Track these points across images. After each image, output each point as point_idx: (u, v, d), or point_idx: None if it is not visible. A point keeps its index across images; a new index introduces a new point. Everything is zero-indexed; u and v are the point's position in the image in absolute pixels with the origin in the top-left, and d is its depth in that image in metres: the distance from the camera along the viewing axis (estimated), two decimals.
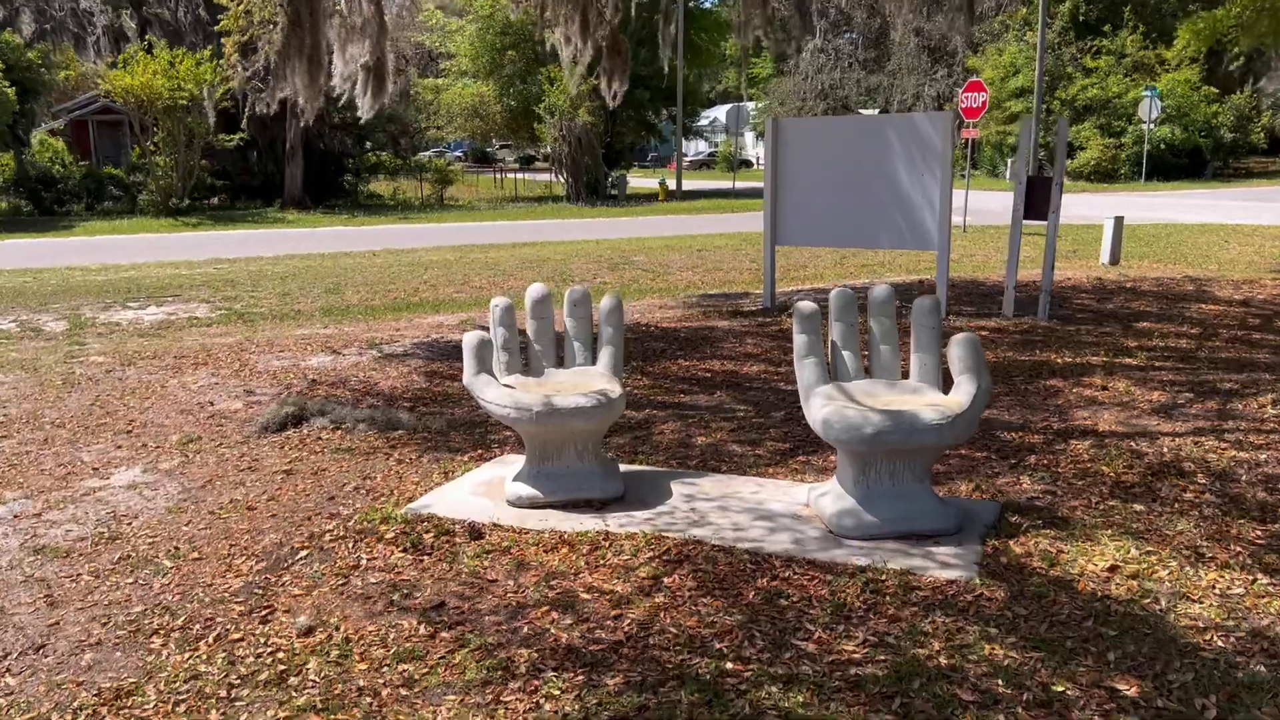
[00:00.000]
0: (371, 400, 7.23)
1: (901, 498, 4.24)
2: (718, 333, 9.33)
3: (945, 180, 9.66)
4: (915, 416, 4.11)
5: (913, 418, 4.11)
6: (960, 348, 4.35)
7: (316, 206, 29.77)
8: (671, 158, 48.92)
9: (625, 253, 18.36)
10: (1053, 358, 7.65)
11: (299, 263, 17.32)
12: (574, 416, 4.51)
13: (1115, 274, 13.45)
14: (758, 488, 4.85)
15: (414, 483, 5.27)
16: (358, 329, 10.59)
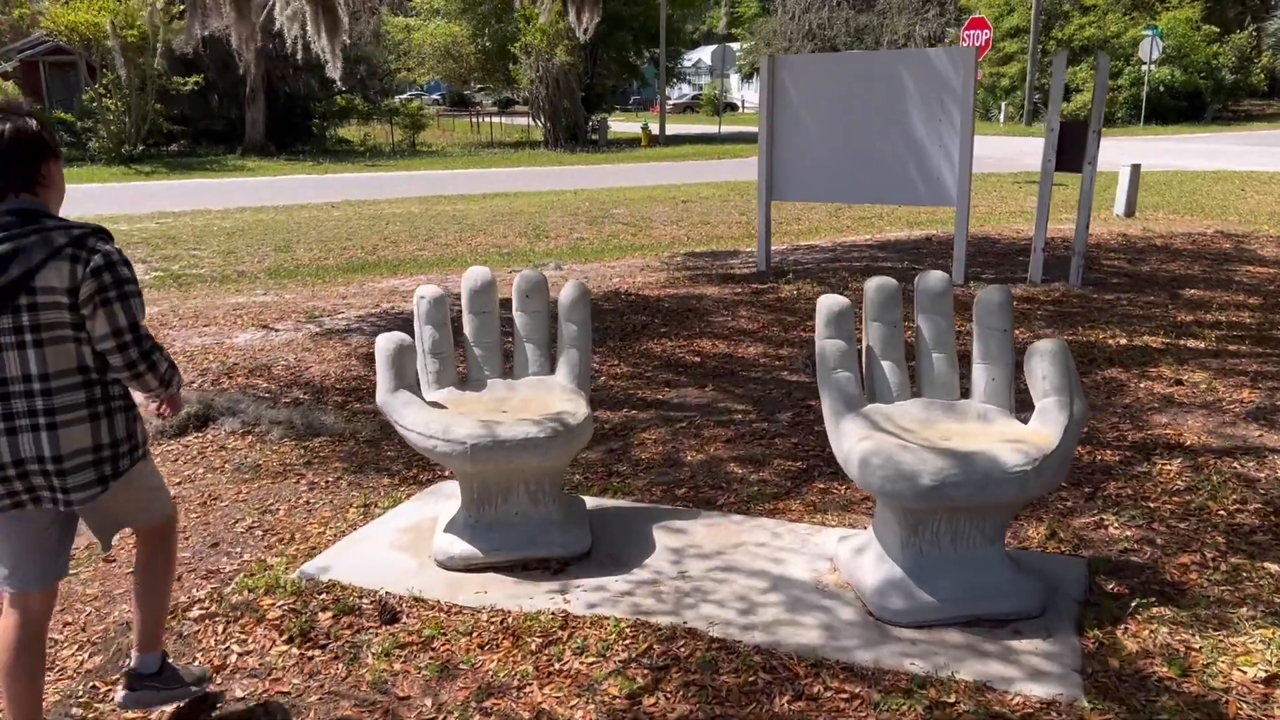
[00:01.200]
0: (297, 393, 6.05)
1: (966, 566, 3.12)
2: (707, 302, 8.16)
3: (966, 127, 8.44)
4: (992, 461, 2.97)
5: (988, 463, 2.97)
6: (1045, 359, 3.20)
7: (280, 153, 28.19)
8: (654, 101, 47.22)
9: (605, 204, 17.07)
10: (1102, 337, 6.52)
11: (250, 216, 15.97)
12: (524, 450, 3.36)
13: (1139, 228, 12.31)
14: (767, 536, 3.72)
15: (323, 520, 4.11)
16: (301, 295, 9.36)
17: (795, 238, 12.62)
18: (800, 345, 6.67)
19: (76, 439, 2.40)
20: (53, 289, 2.33)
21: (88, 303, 2.35)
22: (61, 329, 2.36)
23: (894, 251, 10.75)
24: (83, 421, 2.41)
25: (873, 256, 10.43)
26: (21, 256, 2.32)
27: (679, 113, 51.64)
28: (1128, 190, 14.29)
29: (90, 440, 2.42)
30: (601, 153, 29.85)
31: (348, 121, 34.09)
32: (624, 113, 50.90)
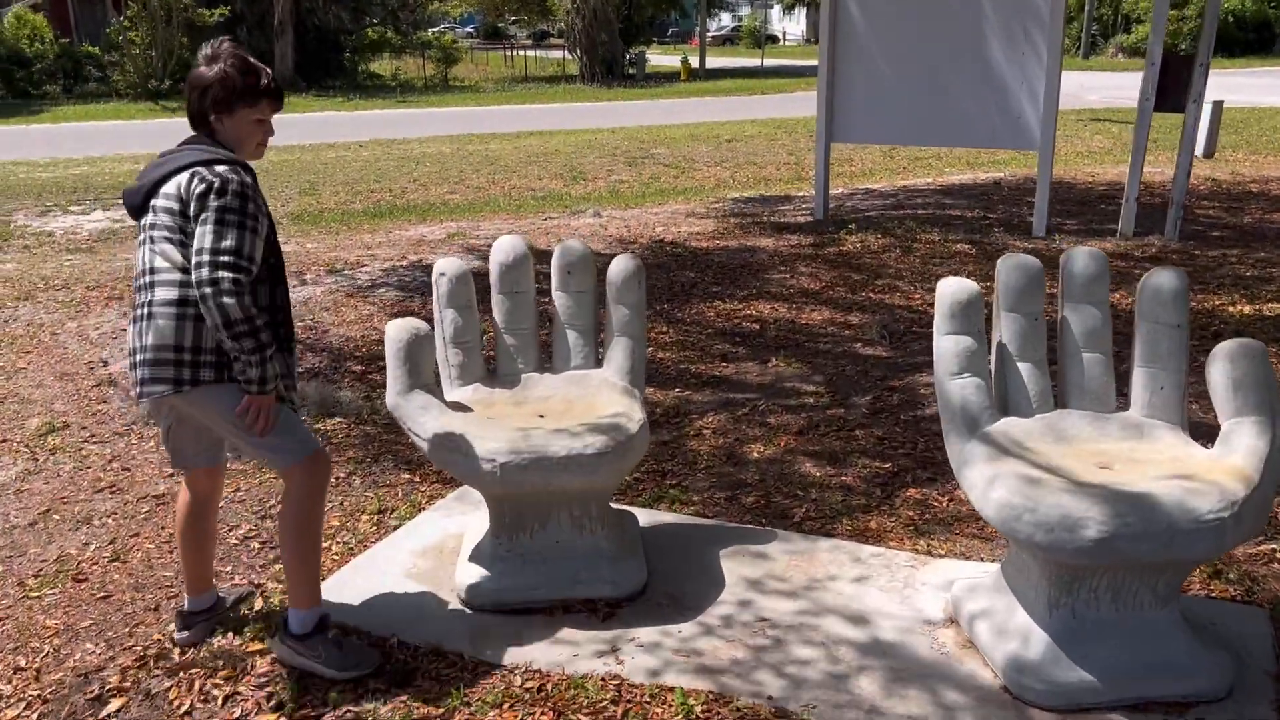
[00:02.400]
0: (313, 359, 5.43)
1: (1132, 634, 2.44)
2: (761, 256, 7.41)
3: (1054, 61, 7.55)
4: (1177, 506, 2.27)
5: (1173, 509, 2.27)
6: (1238, 366, 2.47)
7: (310, 89, 27.40)
8: (693, 33, 45.69)
9: (644, 144, 16.22)
10: (1220, 304, 5.73)
11: (275, 156, 15.30)
12: (567, 470, 2.70)
13: (1225, 172, 11.33)
14: (861, 571, 3.05)
15: (330, 531, 3.50)
16: (323, 245, 8.73)
17: (849, 181, 11.77)
18: (872, 310, 5.93)
19: (163, 333, 2.48)
20: (169, 195, 2.52)
21: (195, 217, 2.47)
22: (171, 231, 2.50)
23: (962, 197, 9.90)
24: (170, 318, 2.48)
25: (939, 203, 9.59)
26: (160, 168, 2.56)
27: (718, 45, 50.05)
28: (1207, 129, 13.24)
29: (173, 338, 2.47)
30: (639, 87, 28.78)
31: (379, 55, 33.13)
32: (662, 45, 49.44)
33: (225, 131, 2.59)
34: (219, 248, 2.41)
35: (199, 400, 2.52)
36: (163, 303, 2.47)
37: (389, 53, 33.21)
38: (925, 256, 7.17)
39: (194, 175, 2.47)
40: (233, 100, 2.56)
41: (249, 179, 2.52)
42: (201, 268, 2.39)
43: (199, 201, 2.45)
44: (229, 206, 2.44)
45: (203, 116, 2.58)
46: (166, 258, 2.49)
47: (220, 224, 2.42)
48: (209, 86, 2.55)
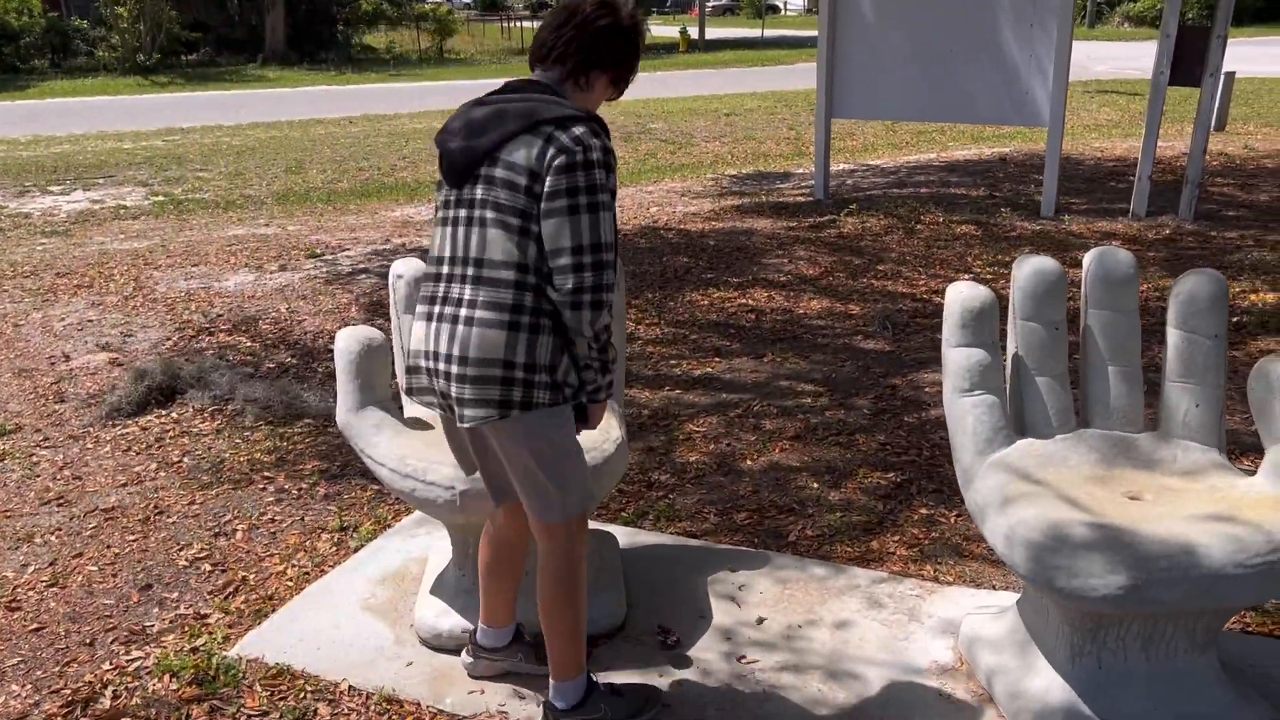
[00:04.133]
0: (283, 355, 5.16)
1: (1164, 683, 2.18)
2: (758, 239, 7.11)
3: (1064, 34, 7.21)
4: (1218, 549, 2.00)
5: (1213, 552, 2.00)
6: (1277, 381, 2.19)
7: (302, 62, 26.97)
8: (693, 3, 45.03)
9: (641, 118, 15.87)
10: (1241, 292, 5.43)
11: (263, 133, 14.98)
12: None
13: (1238, 146, 10.99)
14: (862, 602, 2.78)
15: (287, 552, 3.24)
16: (306, 227, 8.44)
17: (851, 156, 11.44)
18: (873, 298, 5.64)
19: (492, 345, 1.99)
20: (515, 165, 1.98)
21: (551, 197, 1.95)
22: (512, 214, 1.99)
23: (966, 175, 9.58)
24: (501, 327, 1.99)
25: (943, 180, 9.27)
26: (498, 123, 2.00)
27: (718, 15, 49.37)
28: (1219, 102, 12.88)
29: (503, 351, 1.99)
30: None
31: (373, 28, 32.63)
32: (661, 16, 48.77)
33: (579, 95, 2.10)
34: (598, 242, 1.96)
35: (516, 426, 2.05)
36: (493, 306, 1.99)
37: (383, 25, 32.71)
38: (929, 239, 6.87)
39: (550, 142, 1.96)
40: (625, 64, 2.09)
41: (609, 141, 2.04)
42: (579, 271, 1.95)
43: (559, 176, 1.94)
44: (599, 185, 1.97)
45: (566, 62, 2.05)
46: (503, 248, 1.99)
47: (594, 210, 1.96)
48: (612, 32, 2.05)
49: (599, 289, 1.97)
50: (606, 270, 1.98)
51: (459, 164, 2.03)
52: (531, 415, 2.03)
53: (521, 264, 1.98)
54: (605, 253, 1.97)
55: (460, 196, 2.04)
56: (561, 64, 2.05)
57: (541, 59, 2.08)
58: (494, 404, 2.01)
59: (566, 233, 1.94)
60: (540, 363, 2.01)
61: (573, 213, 1.94)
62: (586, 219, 1.94)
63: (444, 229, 2.09)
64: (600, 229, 1.96)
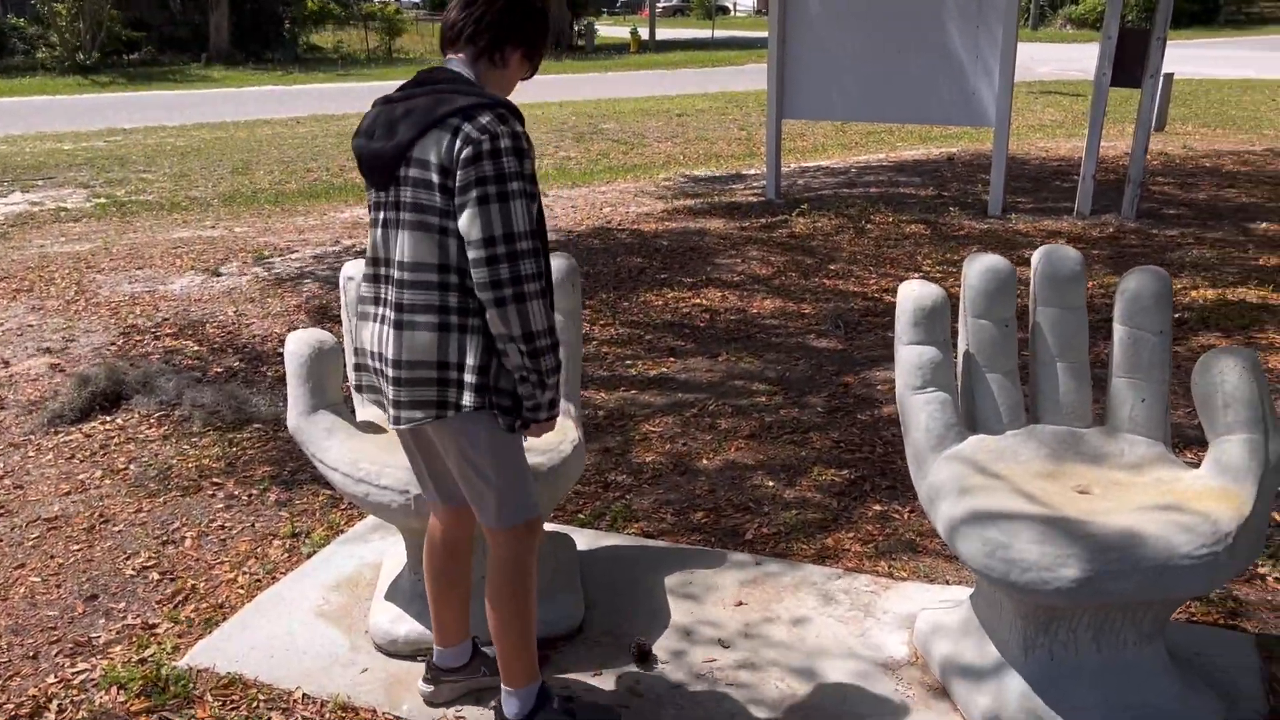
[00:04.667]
0: (231, 359, 5.07)
1: (1114, 675, 2.22)
2: (710, 240, 7.14)
3: (1009, 35, 7.33)
4: (1164, 541, 2.04)
5: (1159, 545, 2.04)
6: (1229, 377, 2.24)
7: (248, 61, 26.54)
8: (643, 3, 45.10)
9: (593, 118, 15.84)
10: (1183, 288, 5.55)
11: (208, 134, 14.72)
12: None
13: (1177, 146, 11.25)
14: (818, 600, 2.80)
15: (237, 559, 3.18)
16: (253, 229, 8.31)
17: (801, 156, 11.53)
18: (824, 298, 5.69)
19: (423, 346, 1.97)
20: (426, 163, 1.92)
21: (462, 190, 1.89)
22: (431, 214, 1.94)
23: (915, 174, 9.69)
24: (431, 328, 1.96)
25: (892, 180, 9.37)
26: (406, 121, 1.94)
27: (668, 16, 49.48)
28: (1159, 103, 13.18)
29: (436, 352, 1.97)
30: (589, 59, 28.27)
31: (321, 27, 32.21)
32: (612, 16, 48.77)
33: (494, 75, 2.03)
34: (510, 232, 1.87)
35: (451, 427, 2.02)
36: (420, 308, 1.96)
37: (331, 24, 32.31)
38: (879, 239, 6.94)
39: (457, 135, 1.88)
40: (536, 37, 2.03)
41: (520, 125, 1.93)
42: (493, 264, 1.87)
43: (467, 169, 1.87)
44: (509, 173, 1.88)
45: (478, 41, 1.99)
46: (425, 249, 1.95)
47: (504, 199, 1.87)
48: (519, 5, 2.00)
49: (517, 280, 1.88)
50: (523, 261, 1.88)
51: (375, 166, 1.99)
52: (465, 417, 2.00)
53: (444, 264, 1.95)
54: (519, 242, 1.88)
55: (385, 199, 2.01)
56: (473, 44, 1.99)
57: (452, 41, 2.02)
58: (430, 405, 1.99)
59: (477, 225, 1.87)
60: (469, 363, 1.97)
61: (482, 203, 1.87)
62: (496, 208, 1.87)
63: (374, 231, 2.06)
64: (513, 218, 1.88)
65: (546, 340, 1.93)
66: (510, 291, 1.88)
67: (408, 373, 1.99)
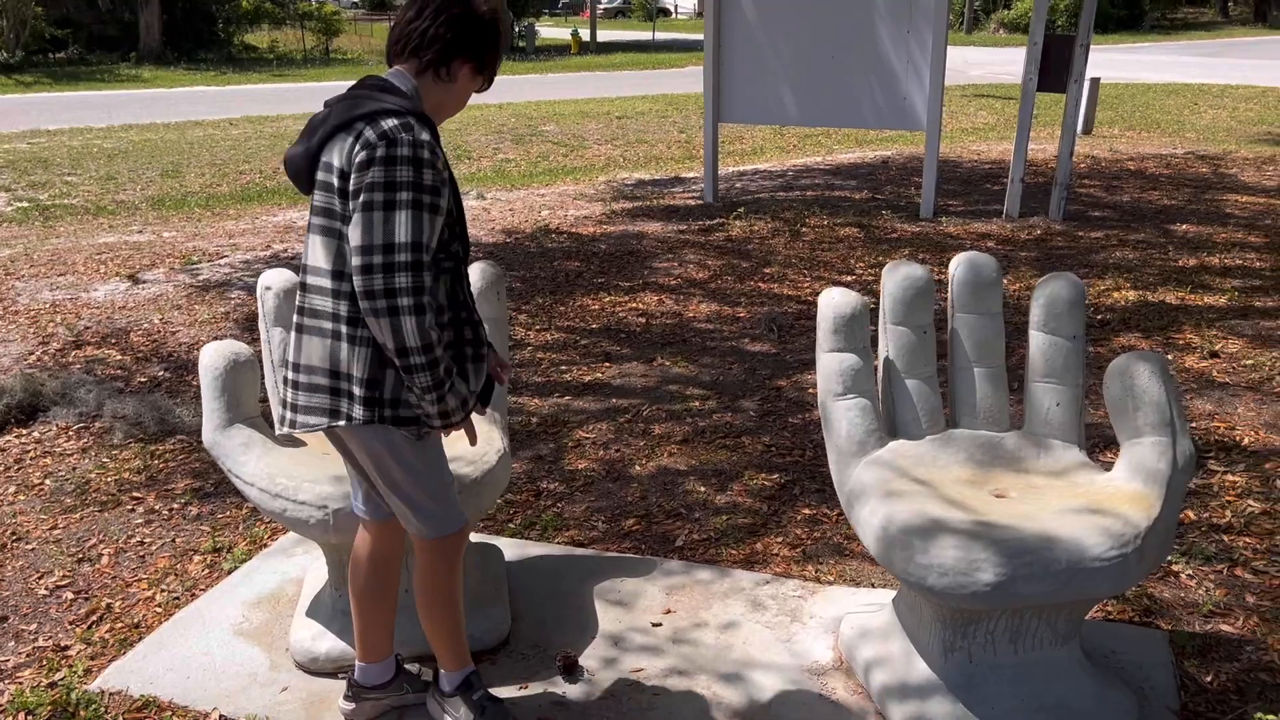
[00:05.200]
0: (155, 369, 4.95)
1: (1031, 675, 2.25)
2: (649, 243, 7.14)
3: (939, 43, 7.44)
4: (1076, 545, 2.08)
5: (1072, 548, 2.07)
6: (1139, 381, 2.29)
7: (180, 61, 25.99)
8: (584, 5, 45.05)
9: (533, 120, 15.77)
10: (1105, 290, 5.68)
11: (137, 135, 14.38)
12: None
13: (1105, 149, 11.52)
14: (745, 606, 2.81)
15: (156, 576, 3.10)
16: (182, 233, 8.13)
17: (740, 159, 11.60)
18: (759, 302, 5.72)
19: (316, 354, 1.97)
20: (330, 166, 1.91)
21: (354, 195, 1.85)
22: (331, 218, 1.92)
23: (851, 178, 9.80)
24: (324, 335, 1.95)
25: (828, 184, 9.46)
26: (321, 125, 1.93)
27: (610, 18, 49.49)
28: (1085, 106, 13.48)
29: (327, 360, 1.96)
30: (529, 61, 28.16)
31: (257, 26, 31.66)
32: (553, 17, 48.65)
33: (439, 89, 1.99)
34: (391, 242, 1.81)
35: (353, 436, 2.01)
36: (316, 314, 1.95)
37: (266, 24, 31.78)
38: (813, 242, 7.00)
39: (358, 139, 1.85)
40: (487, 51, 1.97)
41: (426, 135, 1.87)
42: (367, 274, 1.82)
43: (360, 174, 1.83)
44: (400, 181, 1.82)
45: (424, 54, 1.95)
46: (324, 255, 1.92)
47: (391, 207, 1.81)
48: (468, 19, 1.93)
49: (391, 294, 1.81)
50: (399, 274, 1.81)
51: (292, 171, 1.98)
52: (361, 430, 1.99)
53: (338, 271, 1.93)
54: (398, 254, 1.81)
55: (311, 204, 1.99)
56: (418, 57, 1.96)
57: (398, 54, 1.99)
58: (323, 412, 1.98)
59: (358, 231, 1.83)
60: (355, 375, 1.95)
61: (366, 210, 1.82)
62: (380, 216, 1.81)
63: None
64: (396, 227, 1.81)
65: (421, 358, 1.87)
66: (383, 304, 1.83)
67: (305, 377, 1.98)
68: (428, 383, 1.90)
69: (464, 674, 2.29)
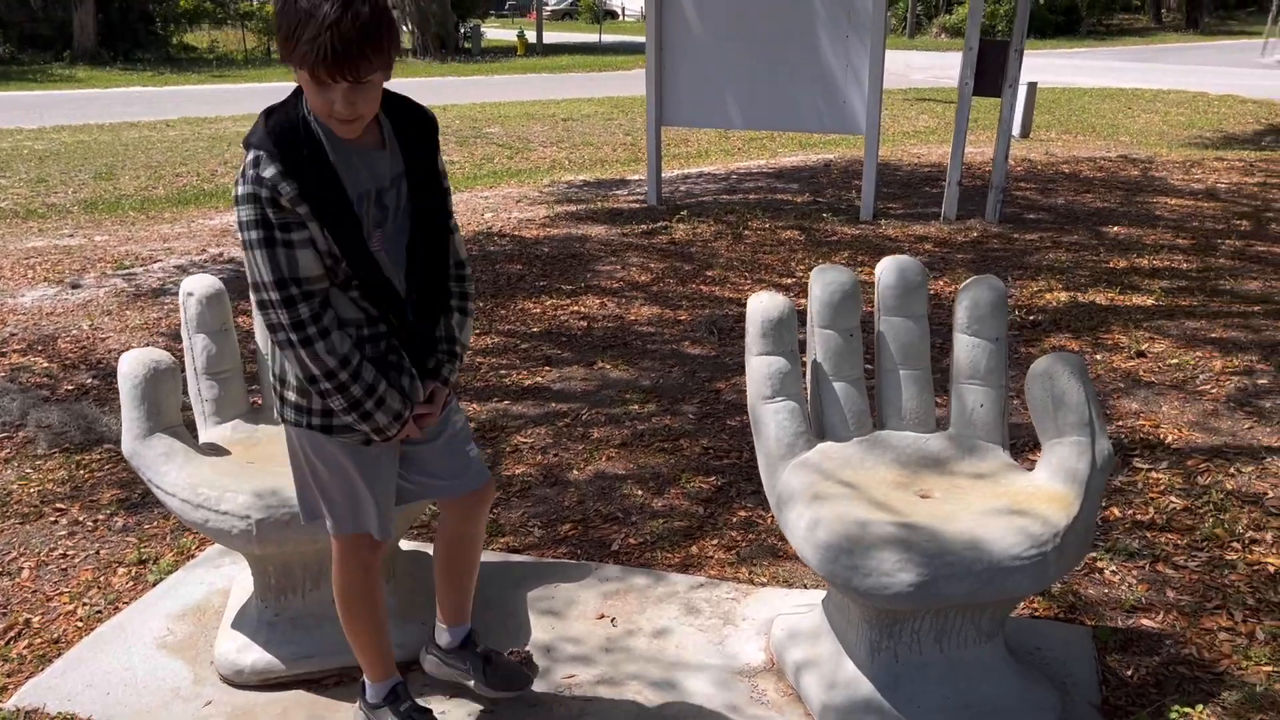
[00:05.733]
0: (83, 377, 4.83)
1: (956, 674, 2.28)
2: (592, 246, 7.13)
3: (877, 47, 7.53)
4: (998, 545, 2.11)
5: (994, 548, 2.11)
6: (1059, 383, 2.33)
7: (116, 61, 25.43)
8: (530, 6, 44.92)
9: (477, 122, 15.69)
10: (1037, 291, 5.79)
11: (69, 136, 14.04)
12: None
13: (1040, 152, 11.74)
14: (680, 609, 2.81)
15: (79, 589, 3.03)
16: (115, 237, 7.96)
17: (684, 162, 11.63)
18: (700, 304, 5.74)
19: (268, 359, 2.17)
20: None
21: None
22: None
23: (793, 180, 9.88)
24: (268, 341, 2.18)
25: (770, 187, 9.53)
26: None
27: (556, 20, 49.39)
28: (1023, 110, 13.73)
29: (275, 363, 2.04)
30: (474, 63, 27.99)
31: (197, 26, 31.10)
32: (499, 18, 48.45)
33: (306, 91, 1.82)
34: (256, 281, 1.84)
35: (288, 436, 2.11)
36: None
37: (206, 23, 31.23)
38: (755, 245, 7.05)
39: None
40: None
41: (271, 170, 1.77)
42: (261, 309, 1.87)
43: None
44: (243, 221, 1.80)
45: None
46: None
47: (247, 248, 1.82)
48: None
49: (276, 329, 1.86)
50: (273, 311, 1.83)
51: None
52: (293, 429, 2.07)
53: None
54: (266, 292, 1.83)
55: None
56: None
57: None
58: (276, 407, 2.10)
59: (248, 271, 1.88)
60: (290, 381, 2.01)
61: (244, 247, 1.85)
62: (246, 256, 1.85)
63: None
64: (255, 268, 1.83)
65: (326, 384, 1.90)
66: (279, 337, 1.88)
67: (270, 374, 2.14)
68: (343, 405, 1.94)
69: (389, 684, 2.27)
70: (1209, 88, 19.75)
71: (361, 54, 1.71)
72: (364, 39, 1.70)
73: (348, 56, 1.69)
